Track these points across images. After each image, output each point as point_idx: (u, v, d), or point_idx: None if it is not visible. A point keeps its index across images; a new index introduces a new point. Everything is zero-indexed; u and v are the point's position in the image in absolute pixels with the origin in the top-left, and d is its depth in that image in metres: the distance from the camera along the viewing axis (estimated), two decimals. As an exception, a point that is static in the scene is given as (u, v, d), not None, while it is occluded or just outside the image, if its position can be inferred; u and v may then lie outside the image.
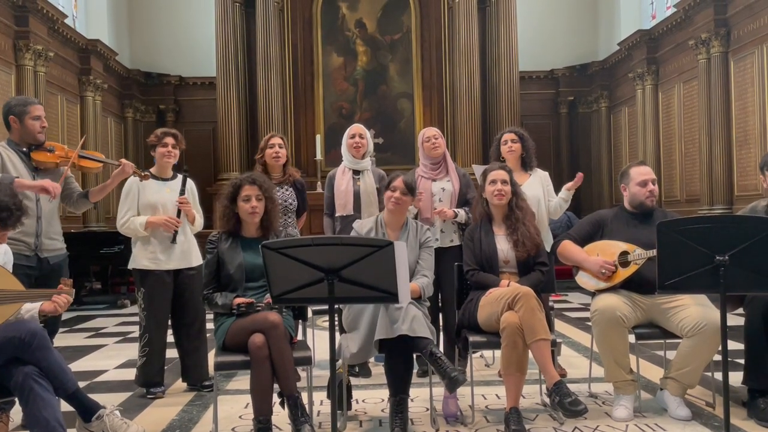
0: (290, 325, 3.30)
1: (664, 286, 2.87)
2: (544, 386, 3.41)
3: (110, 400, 3.66)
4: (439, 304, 4.30)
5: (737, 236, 2.78)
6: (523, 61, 10.91)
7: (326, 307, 2.63)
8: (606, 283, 3.56)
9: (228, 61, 10.37)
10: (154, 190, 3.98)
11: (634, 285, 3.51)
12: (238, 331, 3.15)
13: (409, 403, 3.24)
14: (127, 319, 7.40)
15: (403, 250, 2.62)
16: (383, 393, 3.69)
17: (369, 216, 4.06)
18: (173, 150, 4.05)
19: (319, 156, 9.79)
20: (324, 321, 5.76)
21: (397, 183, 3.53)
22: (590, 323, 3.59)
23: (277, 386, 3.10)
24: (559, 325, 6.02)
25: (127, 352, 5.45)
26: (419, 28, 11.03)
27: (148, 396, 4.01)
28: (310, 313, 4.23)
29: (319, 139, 10.01)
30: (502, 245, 3.61)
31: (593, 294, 3.65)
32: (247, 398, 3.53)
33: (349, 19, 11.06)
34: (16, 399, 2.81)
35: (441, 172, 4.32)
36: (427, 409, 3.58)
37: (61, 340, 3.40)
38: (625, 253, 3.54)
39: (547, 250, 3.88)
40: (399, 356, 3.19)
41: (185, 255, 4.05)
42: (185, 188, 4.05)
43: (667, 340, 3.70)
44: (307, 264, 2.51)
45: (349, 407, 3.56)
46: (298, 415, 3.05)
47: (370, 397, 3.88)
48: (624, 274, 3.52)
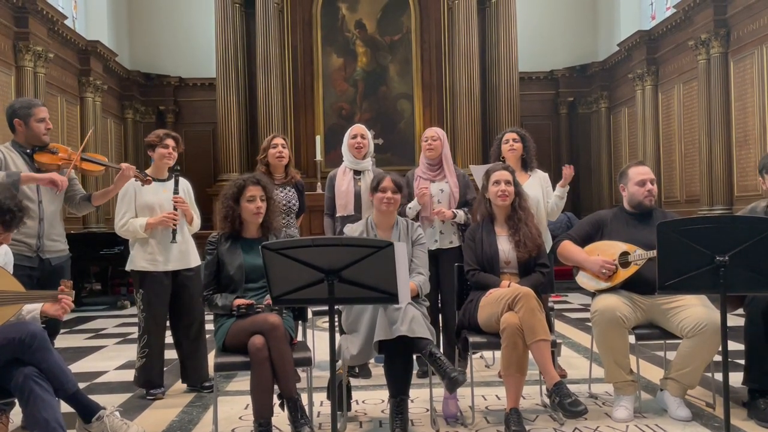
0: (290, 326, 3.30)
1: (664, 287, 2.87)
2: (544, 387, 3.41)
3: (110, 401, 3.66)
4: (439, 305, 4.30)
5: (737, 237, 2.78)
6: (522, 61, 10.91)
7: (326, 308, 2.63)
8: (606, 284, 3.56)
9: (228, 62, 10.38)
10: (152, 191, 3.97)
11: (635, 285, 3.51)
12: (238, 332, 3.15)
13: (409, 404, 3.24)
14: (127, 320, 7.39)
15: (403, 251, 2.62)
16: (383, 394, 3.69)
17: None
18: (173, 152, 4.05)
19: (319, 157, 9.79)
20: (324, 322, 5.76)
21: (385, 183, 3.52)
22: (590, 324, 3.59)
23: (277, 387, 3.10)
24: (559, 326, 6.02)
25: (127, 353, 5.45)
26: (419, 29, 11.03)
27: (148, 397, 4.01)
28: (310, 314, 4.22)
29: (318, 139, 10.01)
30: (504, 246, 3.61)
31: (593, 294, 3.66)
32: (247, 399, 3.53)
33: (349, 20, 11.07)
34: (16, 400, 2.81)
35: (440, 173, 4.32)
36: (428, 410, 3.58)
37: (61, 341, 3.40)
38: (625, 254, 3.54)
39: (547, 251, 3.88)
40: (398, 357, 3.19)
41: (183, 256, 4.05)
42: (178, 187, 4.04)
43: (667, 341, 3.70)
44: (307, 265, 2.51)
45: (349, 408, 3.56)
46: (298, 416, 3.05)
47: (370, 398, 3.88)
48: (624, 274, 3.52)
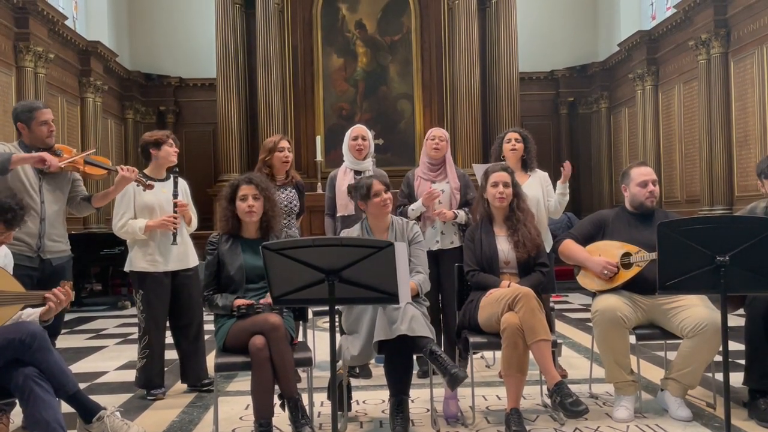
0: (291, 327, 3.30)
1: (665, 287, 2.87)
2: (545, 387, 3.41)
3: (111, 402, 3.66)
4: (439, 306, 4.30)
5: (738, 237, 2.78)
6: (523, 61, 10.91)
7: (326, 309, 2.63)
8: (608, 284, 3.55)
9: (228, 63, 10.38)
10: (150, 191, 3.97)
11: (636, 285, 3.50)
12: (239, 332, 3.15)
13: (410, 404, 3.24)
14: (128, 320, 7.39)
15: (403, 251, 2.63)
16: (383, 394, 3.69)
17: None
18: (177, 151, 4.08)
19: (320, 157, 9.79)
20: (324, 322, 5.75)
21: (377, 187, 3.46)
22: (590, 324, 3.58)
23: (277, 387, 3.10)
24: (560, 326, 6.02)
25: (127, 353, 5.45)
26: (419, 29, 11.03)
27: (149, 397, 4.01)
28: (310, 315, 4.22)
29: (319, 140, 10.01)
30: (503, 246, 3.61)
31: (594, 294, 3.65)
32: (248, 399, 3.53)
33: (349, 20, 11.07)
34: (17, 400, 2.81)
35: (441, 173, 4.32)
36: (428, 410, 3.57)
37: (61, 341, 3.40)
38: (627, 254, 3.53)
39: (547, 251, 3.88)
40: (399, 357, 3.19)
41: (182, 256, 4.05)
42: (177, 188, 4.04)
43: (668, 341, 3.70)
44: (307, 265, 2.51)
45: (350, 408, 3.56)
46: (299, 416, 3.04)
47: (371, 398, 3.88)
48: (626, 275, 3.51)
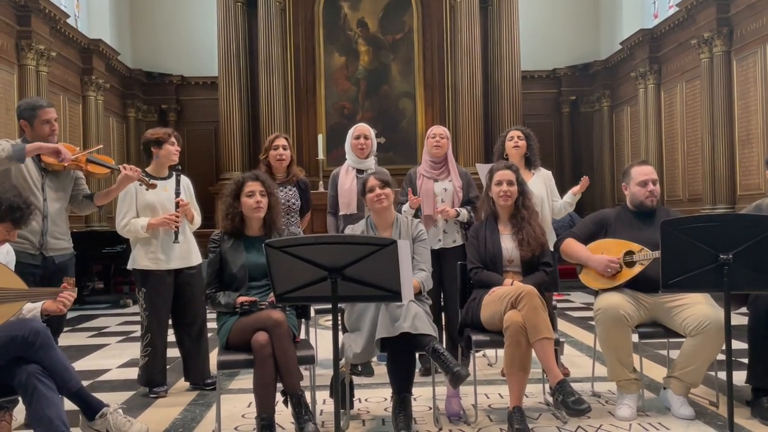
0: (293, 324, 3.30)
1: (668, 285, 2.86)
2: (547, 385, 3.41)
3: (113, 400, 3.65)
4: (441, 304, 4.30)
5: (741, 235, 2.77)
6: (524, 60, 10.89)
7: (329, 306, 2.63)
8: (610, 282, 3.54)
9: (230, 61, 10.37)
10: (154, 189, 3.96)
11: (638, 283, 3.50)
12: (241, 329, 3.15)
13: (412, 402, 3.24)
14: (130, 318, 7.40)
15: (406, 249, 2.62)
16: (386, 392, 3.69)
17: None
18: (179, 149, 4.08)
19: (321, 156, 9.79)
20: (326, 320, 5.76)
21: (371, 183, 3.51)
22: (593, 322, 3.58)
23: (280, 385, 3.10)
24: (562, 325, 6.01)
25: (129, 351, 5.45)
26: (421, 28, 11.02)
27: (151, 395, 4.01)
28: (312, 313, 4.22)
29: (321, 138, 10.01)
30: (507, 244, 3.60)
31: (596, 293, 3.65)
32: (250, 397, 3.53)
33: (351, 18, 11.06)
34: (20, 398, 2.81)
35: (443, 172, 4.32)
36: (430, 408, 3.57)
37: (63, 339, 3.41)
38: (630, 253, 3.52)
39: (551, 250, 3.86)
40: (401, 354, 3.19)
41: (185, 254, 4.05)
42: (180, 187, 4.04)
43: (671, 339, 3.69)
44: (310, 263, 2.50)
45: (352, 406, 3.56)
46: (302, 413, 3.05)
47: (373, 396, 3.88)
48: (629, 274, 3.50)
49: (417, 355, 3.35)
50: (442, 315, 4.32)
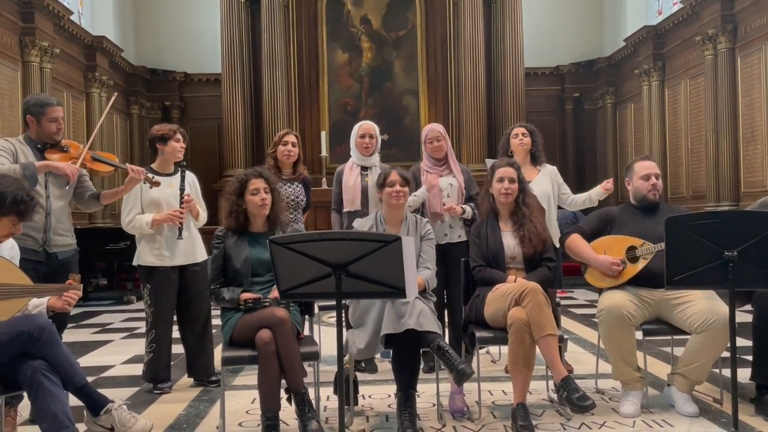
0: (297, 320, 3.30)
1: (673, 282, 2.87)
2: (551, 382, 3.41)
3: (117, 396, 3.66)
4: (445, 300, 4.30)
5: (746, 232, 2.78)
6: (528, 57, 10.86)
7: (332, 303, 2.64)
8: (615, 281, 3.53)
9: (233, 58, 10.36)
10: (158, 186, 3.96)
11: (642, 279, 3.48)
12: (245, 326, 3.16)
13: (416, 399, 3.24)
14: (133, 315, 7.42)
15: (410, 245, 2.62)
16: (389, 388, 3.70)
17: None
18: (184, 145, 4.08)
19: (324, 153, 9.78)
20: (329, 317, 5.77)
21: (393, 177, 3.52)
22: (596, 320, 3.58)
23: (284, 382, 3.10)
24: (565, 322, 6.01)
25: (133, 347, 5.46)
26: (424, 25, 11.00)
27: (155, 391, 4.02)
28: (316, 309, 4.23)
29: (324, 135, 10.00)
30: (509, 241, 3.60)
31: (600, 290, 3.64)
32: (254, 394, 3.54)
33: (354, 15, 11.05)
34: (24, 393, 2.82)
35: (446, 169, 4.32)
36: (434, 405, 3.58)
37: (67, 335, 3.42)
38: (632, 248, 3.52)
39: (556, 245, 3.86)
40: (406, 351, 3.19)
41: (190, 251, 4.06)
42: (185, 183, 4.04)
43: (675, 337, 3.68)
44: (314, 259, 2.50)
45: (356, 402, 3.56)
46: (306, 410, 3.05)
47: (377, 393, 3.88)
48: (633, 270, 3.50)
49: (421, 351, 3.34)
50: (445, 311, 4.32)
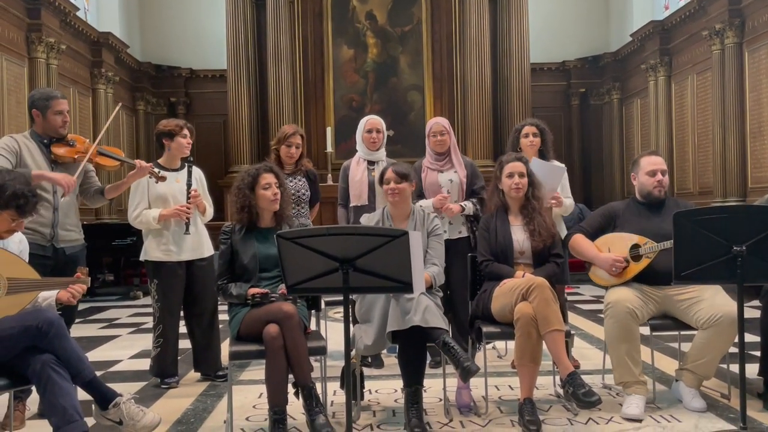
0: (304, 315, 3.31)
1: (681, 277, 2.86)
2: (558, 377, 3.40)
3: (124, 390, 3.66)
4: (447, 295, 4.29)
5: (755, 227, 2.77)
6: (534, 52, 10.83)
7: (338, 298, 2.64)
8: (618, 279, 3.52)
9: (238, 54, 10.37)
10: (164, 181, 3.97)
11: (647, 277, 3.47)
12: (253, 321, 3.16)
13: (423, 394, 3.24)
14: (140, 310, 7.44)
15: (417, 240, 2.62)
16: (395, 383, 3.70)
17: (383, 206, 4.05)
18: (191, 141, 4.08)
19: (330, 148, 9.78)
20: (335, 312, 5.77)
21: (388, 175, 3.51)
22: (602, 315, 3.56)
23: (291, 376, 3.11)
24: (571, 317, 6.00)
25: (140, 342, 5.48)
26: (430, 20, 10.98)
27: (162, 386, 4.04)
28: (322, 305, 4.23)
29: (329, 131, 10.00)
30: (518, 236, 3.59)
31: (605, 288, 3.62)
32: (261, 388, 3.55)
33: (360, 11, 11.03)
34: (33, 387, 2.83)
35: (447, 163, 4.29)
36: (440, 400, 3.58)
37: (74, 330, 3.42)
38: (635, 246, 3.50)
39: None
40: (412, 347, 3.19)
41: (197, 246, 4.07)
42: (192, 178, 4.04)
43: (682, 332, 3.67)
44: (321, 254, 2.50)
45: (363, 397, 3.57)
46: (313, 404, 3.05)
47: (383, 388, 3.89)
48: (636, 268, 3.48)
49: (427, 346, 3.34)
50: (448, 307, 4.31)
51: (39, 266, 3.17)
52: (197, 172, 4.13)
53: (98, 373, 2.87)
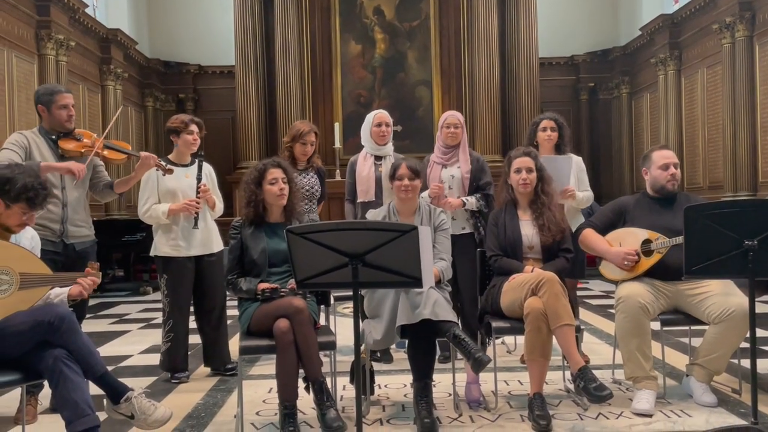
0: (314, 311, 3.31)
1: (692, 271, 2.84)
2: (568, 372, 3.40)
3: (135, 385, 3.66)
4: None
5: (766, 221, 2.74)
6: (542, 47, 10.78)
7: (348, 294, 2.64)
8: (629, 274, 3.50)
9: (246, 50, 10.38)
10: (174, 176, 3.98)
11: (658, 273, 3.46)
12: (263, 316, 3.17)
13: (433, 388, 3.24)
14: (150, 305, 7.48)
15: (427, 235, 2.62)
16: (405, 378, 3.71)
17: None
18: (198, 138, 4.08)
19: (338, 144, 9.79)
20: (345, 308, 5.78)
21: (402, 171, 3.51)
22: (612, 310, 3.55)
23: (301, 371, 3.12)
24: (581, 313, 5.98)
25: (150, 337, 5.51)
26: (438, 15, 10.95)
27: (173, 381, 4.06)
28: (332, 300, 4.24)
29: (337, 127, 10.00)
30: (527, 230, 3.58)
31: (616, 283, 3.61)
32: (271, 383, 3.57)
33: (367, 6, 11.01)
34: (45, 382, 2.85)
35: (453, 157, 4.27)
36: (450, 394, 3.58)
37: (85, 326, 3.42)
38: (647, 242, 3.48)
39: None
40: (422, 341, 3.20)
41: (206, 241, 4.08)
42: (202, 173, 4.05)
43: (692, 327, 3.65)
44: (331, 249, 2.51)
45: (372, 392, 3.58)
46: (324, 399, 3.06)
47: (392, 382, 3.89)
48: (647, 263, 3.46)
49: (437, 341, 3.34)
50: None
51: (49, 262, 3.19)
52: (207, 168, 4.14)
53: (109, 368, 2.88)
